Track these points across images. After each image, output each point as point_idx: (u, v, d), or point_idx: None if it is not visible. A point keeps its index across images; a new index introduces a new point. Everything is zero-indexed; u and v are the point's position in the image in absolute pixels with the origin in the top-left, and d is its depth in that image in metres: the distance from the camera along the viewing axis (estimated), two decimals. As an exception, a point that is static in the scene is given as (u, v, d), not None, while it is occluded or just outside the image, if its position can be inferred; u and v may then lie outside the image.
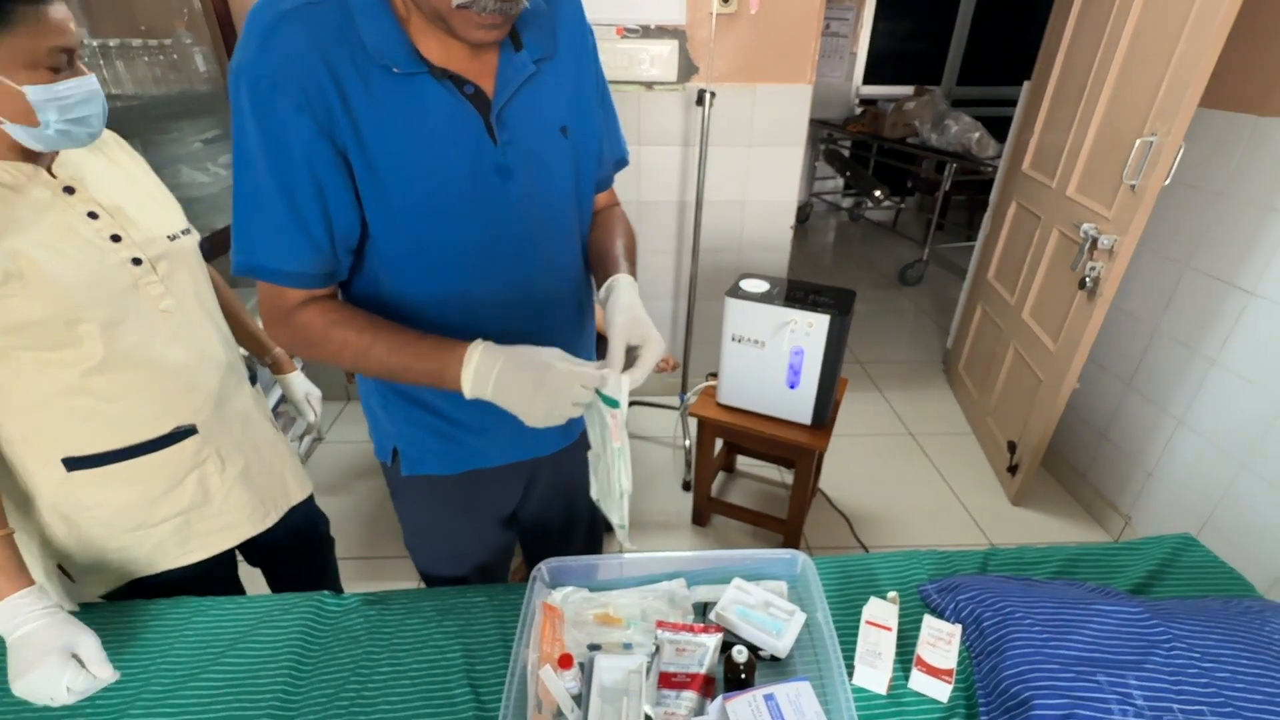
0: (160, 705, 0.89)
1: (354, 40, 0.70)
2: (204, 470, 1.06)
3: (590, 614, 0.97)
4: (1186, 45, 1.55)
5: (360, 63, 0.70)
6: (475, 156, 0.78)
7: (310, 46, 0.68)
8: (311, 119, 0.70)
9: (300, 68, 0.68)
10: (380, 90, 0.72)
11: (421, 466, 1.00)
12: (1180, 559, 1.13)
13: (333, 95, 0.70)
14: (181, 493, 1.04)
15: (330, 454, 2.54)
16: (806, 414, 1.80)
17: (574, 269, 0.97)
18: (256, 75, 0.68)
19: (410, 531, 1.14)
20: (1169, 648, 0.86)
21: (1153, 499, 2.02)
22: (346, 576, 1.97)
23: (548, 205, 0.87)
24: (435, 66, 0.74)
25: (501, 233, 0.83)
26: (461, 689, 0.92)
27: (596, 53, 0.91)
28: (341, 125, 0.71)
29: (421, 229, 0.79)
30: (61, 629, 0.81)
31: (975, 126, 3.88)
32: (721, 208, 2.48)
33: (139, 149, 1.06)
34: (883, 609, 0.95)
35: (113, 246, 0.91)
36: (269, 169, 0.72)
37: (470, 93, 0.76)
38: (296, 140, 0.70)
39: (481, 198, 0.80)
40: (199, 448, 1.05)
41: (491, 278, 0.86)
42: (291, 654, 0.96)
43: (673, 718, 0.84)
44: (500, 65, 0.79)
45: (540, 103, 0.82)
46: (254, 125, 0.70)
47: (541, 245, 0.89)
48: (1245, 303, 1.70)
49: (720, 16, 2.12)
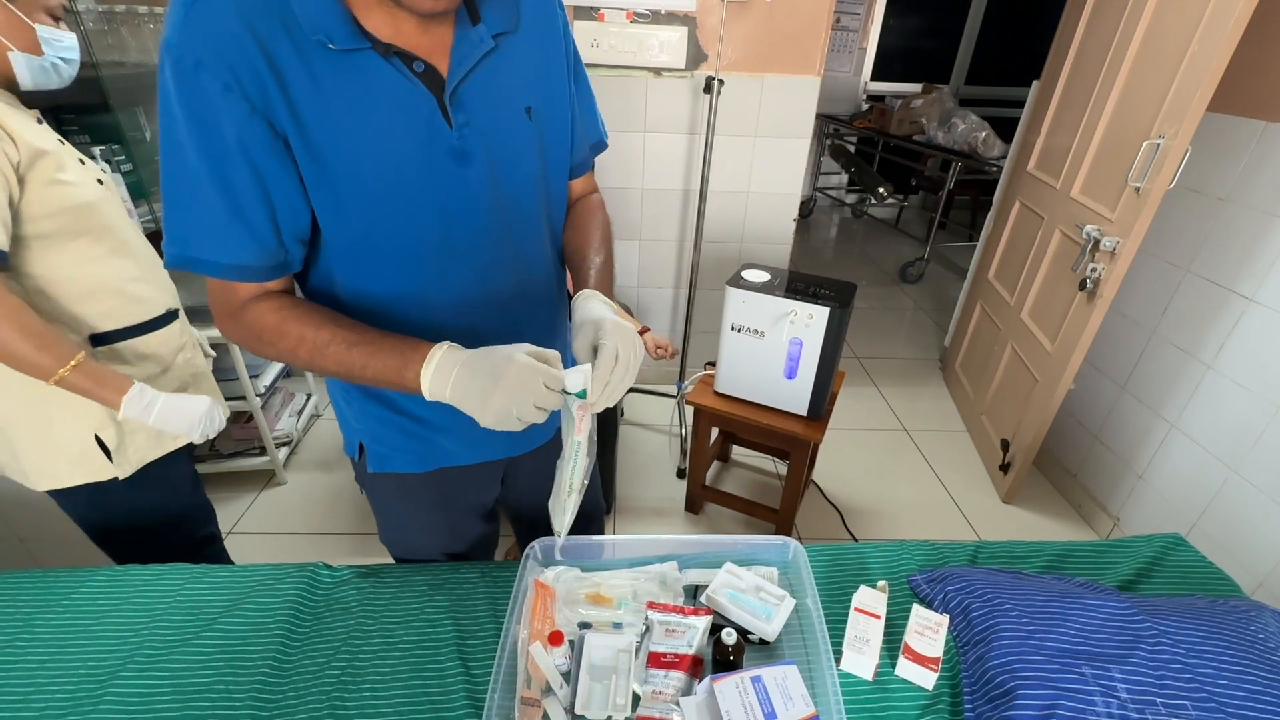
0: (151, 669, 0.90)
1: (288, 12, 0.63)
2: (186, 353, 1.29)
3: (582, 593, 0.98)
4: (1198, 48, 1.54)
5: (297, 37, 0.64)
6: (428, 140, 0.72)
7: (238, 20, 0.62)
8: (243, 99, 0.63)
9: (227, 44, 0.62)
10: (320, 68, 0.65)
11: (389, 464, 0.96)
12: (1168, 558, 1.14)
13: (266, 74, 0.63)
14: (171, 376, 1.25)
15: (328, 430, 2.55)
16: (803, 405, 1.80)
17: (543, 261, 0.90)
18: (180, 54, 0.62)
19: (384, 526, 1.10)
20: (1154, 643, 0.87)
21: (1142, 501, 2.03)
22: (339, 552, 1.98)
23: (511, 193, 0.80)
24: (380, 42, 0.67)
25: (460, 223, 0.77)
26: (452, 662, 0.93)
27: (569, 28, 0.85)
28: (278, 107, 0.65)
29: (372, 219, 0.73)
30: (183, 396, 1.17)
31: (982, 126, 3.87)
32: (725, 198, 2.47)
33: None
34: (872, 597, 0.96)
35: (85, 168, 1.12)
36: (199, 155, 0.65)
37: (421, 70, 0.70)
38: (227, 123, 0.64)
39: (437, 185, 0.74)
40: (182, 329, 1.29)
41: (451, 271, 0.80)
42: (284, 623, 0.97)
43: (660, 697, 0.85)
44: (455, 40, 0.72)
45: (501, 81, 0.76)
46: (180, 108, 0.64)
47: (505, 236, 0.82)
48: (1244, 309, 1.70)
49: (731, 4, 2.10)
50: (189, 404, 1.16)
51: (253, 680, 0.89)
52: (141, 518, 1.24)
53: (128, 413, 1.07)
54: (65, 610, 0.99)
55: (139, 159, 1.71)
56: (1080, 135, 2.07)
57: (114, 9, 1.71)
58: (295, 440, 2.40)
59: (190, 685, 0.88)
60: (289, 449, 2.36)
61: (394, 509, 1.06)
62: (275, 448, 2.22)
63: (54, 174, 1.01)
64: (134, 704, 0.86)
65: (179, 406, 1.14)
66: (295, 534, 2.06)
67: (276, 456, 2.22)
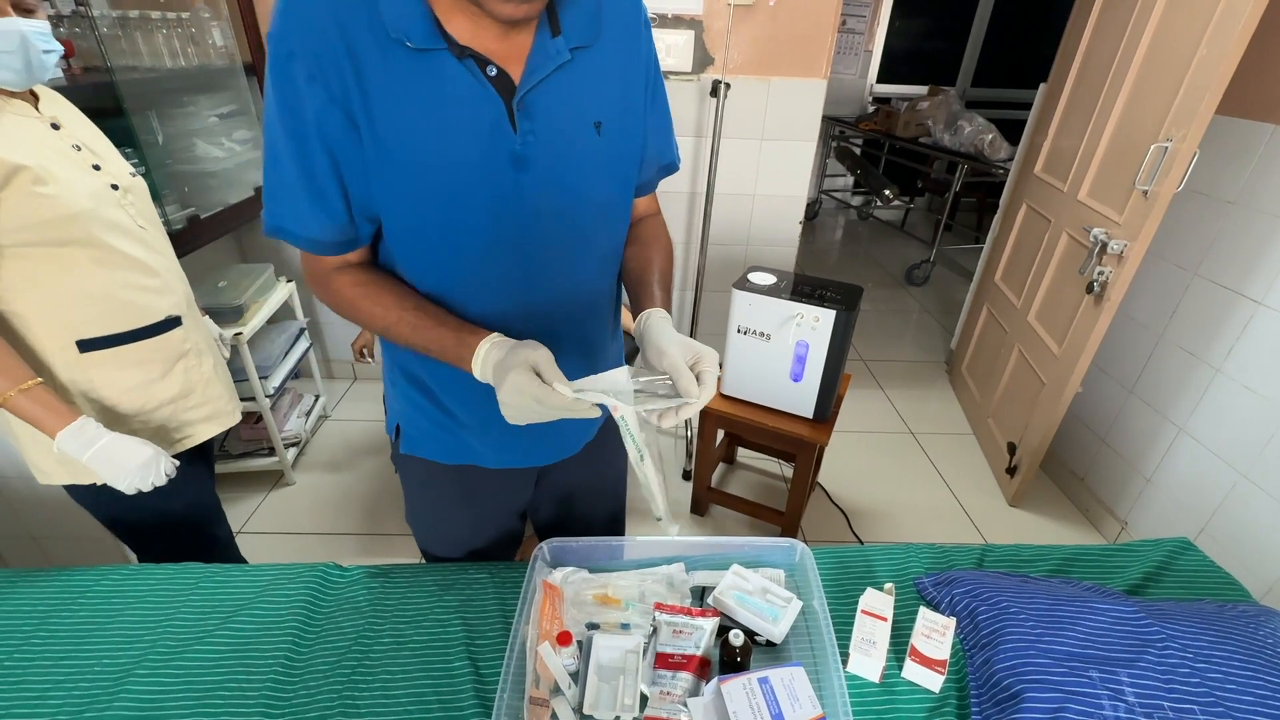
0: (164, 668, 0.91)
1: (374, 9, 0.68)
2: (188, 361, 1.24)
3: (589, 594, 0.99)
4: (1206, 50, 1.54)
5: (379, 34, 0.68)
6: (490, 142, 0.74)
7: (329, 14, 0.67)
8: (324, 88, 0.69)
9: (315, 36, 0.67)
10: (396, 64, 0.69)
11: (419, 449, 1.00)
12: (1176, 562, 1.14)
13: (346, 65, 0.68)
14: (172, 380, 1.21)
15: (336, 431, 2.56)
16: (809, 408, 1.80)
17: (591, 274, 0.90)
18: (277, 44, 0.68)
19: (409, 507, 1.13)
20: (1162, 647, 0.87)
21: (1150, 505, 2.02)
22: (347, 552, 1.99)
23: (568, 203, 0.81)
24: (456, 44, 0.70)
25: (509, 225, 0.79)
26: (461, 662, 0.93)
27: (652, 46, 0.85)
28: (354, 97, 0.70)
29: (425, 211, 0.77)
30: (131, 438, 1.07)
31: (988, 128, 3.86)
32: (731, 200, 2.48)
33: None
34: (878, 599, 0.96)
35: (96, 173, 1.08)
36: (285, 136, 0.72)
37: (493, 75, 0.72)
38: (309, 109, 0.70)
39: (491, 186, 0.76)
40: (184, 337, 1.23)
41: (495, 270, 0.81)
42: (295, 622, 0.98)
43: (668, 698, 0.85)
44: (532, 49, 0.74)
45: (572, 93, 0.77)
46: (273, 93, 0.70)
47: (555, 244, 0.83)
48: (1253, 312, 1.70)
49: (737, 8, 2.11)
50: (130, 451, 1.05)
51: (265, 679, 0.90)
52: (153, 513, 1.24)
53: (62, 446, 1.01)
54: (80, 608, 1.00)
55: (152, 162, 1.73)
56: (1088, 138, 2.07)
57: (127, 14, 1.73)
58: (304, 441, 2.42)
59: (203, 683, 0.89)
60: (297, 450, 2.38)
61: (419, 493, 1.09)
62: (284, 448, 2.24)
63: (31, 188, 0.97)
64: (148, 701, 0.87)
65: (119, 451, 1.04)
66: (303, 534, 2.08)
67: (285, 457, 2.23)
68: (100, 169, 1.10)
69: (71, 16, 1.58)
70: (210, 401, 1.30)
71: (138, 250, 1.14)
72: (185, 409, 1.25)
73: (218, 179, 2.07)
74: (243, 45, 2.15)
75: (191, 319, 1.26)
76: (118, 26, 1.69)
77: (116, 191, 1.11)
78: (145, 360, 1.16)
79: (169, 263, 1.23)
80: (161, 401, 1.20)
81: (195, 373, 1.26)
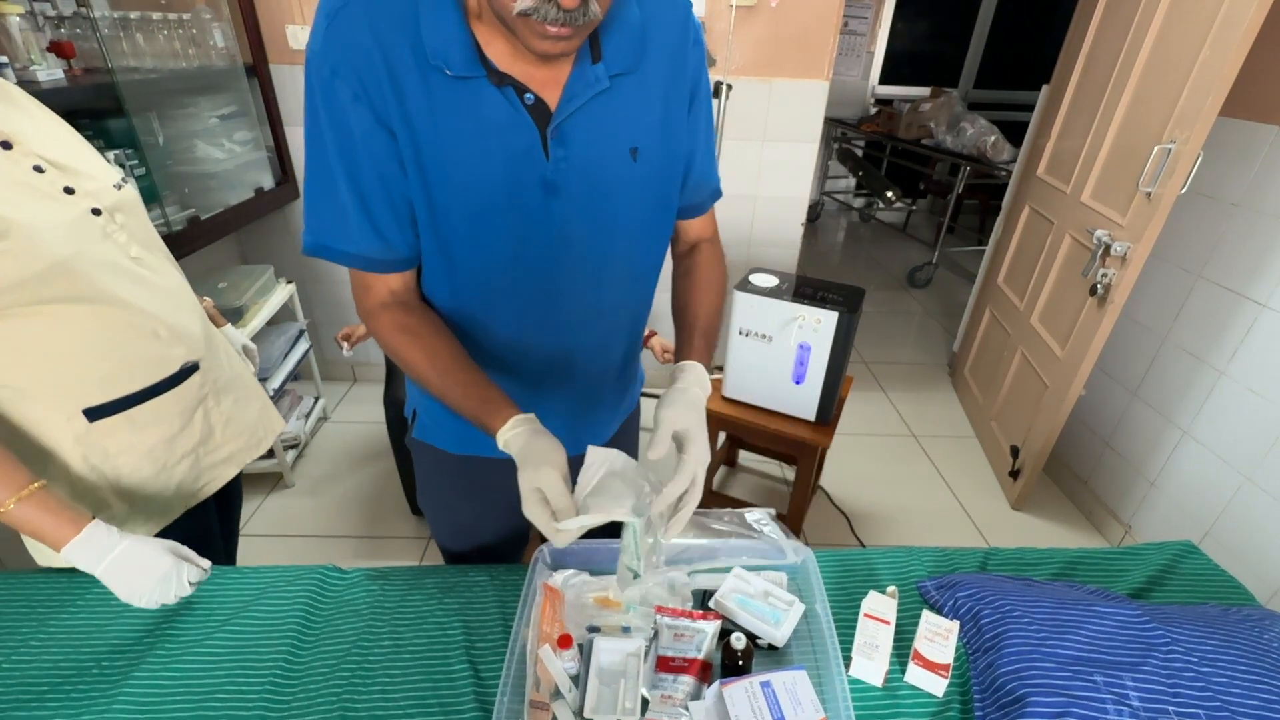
0: (164, 670, 0.90)
1: (417, 34, 0.67)
2: (206, 405, 1.11)
3: (590, 596, 0.98)
4: (1210, 52, 1.54)
5: (420, 58, 0.68)
6: (522, 168, 0.74)
7: (370, 36, 0.67)
8: (369, 108, 0.69)
9: (359, 56, 0.67)
10: (436, 88, 0.69)
11: (429, 435, 1.02)
12: (1181, 566, 1.13)
13: (387, 87, 0.68)
14: (193, 430, 1.08)
15: (335, 433, 2.56)
16: (811, 410, 1.80)
17: (618, 302, 0.90)
18: (320, 61, 0.68)
19: (420, 493, 1.16)
20: (1167, 651, 0.86)
21: (1154, 508, 2.02)
22: (346, 554, 1.99)
23: (598, 229, 0.81)
24: (496, 70, 0.70)
25: (535, 250, 0.79)
26: (461, 665, 0.93)
27: (703, 66, 0.84)
28: (395, 118, 0.70)
29: (453, 230, 0.77)
30: (148, 543, 0.90)
31: (991, 130, 3.86)
32: (733, 202, 2.48)
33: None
34: (881, 603, 0.95)
35: (69, 199, 0.87)
36: (335, 152, 0.72)
37: (530, 102, 0.72)
38: (356, 127, 0.70)
39: (520, 211, 0.76)
40: (202, 382, 1.09)
41: (517, 294, 0.82)
42: (295, 624, 0.97)
43: (669, 701, 0.85)
44: (571, 77, 0.73)
45: (610, 120, 0.77)
46: (323, 108, 0.70)
47: (582, 270, 0.83)
48: (1257, 315, 1.69)
49: (739, 9, 2.11)
50: (147, 564, 0.89)
51: (264, 682, 0.89)
52: None
53: (71, 559, 0.86)
54: (79, 610, 0.99)
55: (152, 163, 1.73)
56: (1091, 140, 2.07)
57: (128, 15, 1.73)
58: (303, 443, 2.42)
59: (202, 686, 0.89)
60: (297, 452, 2.37)
61: (429, 479, 1.12)
62: (283, 450, 2.24)
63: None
64: (147, 704, 0.86)
65: (135, 564, 0.88)
66: (303, 537, 2.07)
67: (284, 459, 2.23)
68: (74, 191, 0.88)
69: (72, 17, 1.58)
70: (230, 441, 1.17)
71: (137, 294, 0.95)
72: (205, 454, 1.13)
73: (218, 180, 2.07)
74: (243, 46, 2.15)
75: (209, 354, 1.11)
76: (118, 27, 1.69)
77: (100, 218, 0.90)
78: (163, 417, 1.03)
79: (175, 291, 1.04)
80: (183, 453, 1.08)
81: (215, 414, 1.13)
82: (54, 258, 0.83)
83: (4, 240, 0.78)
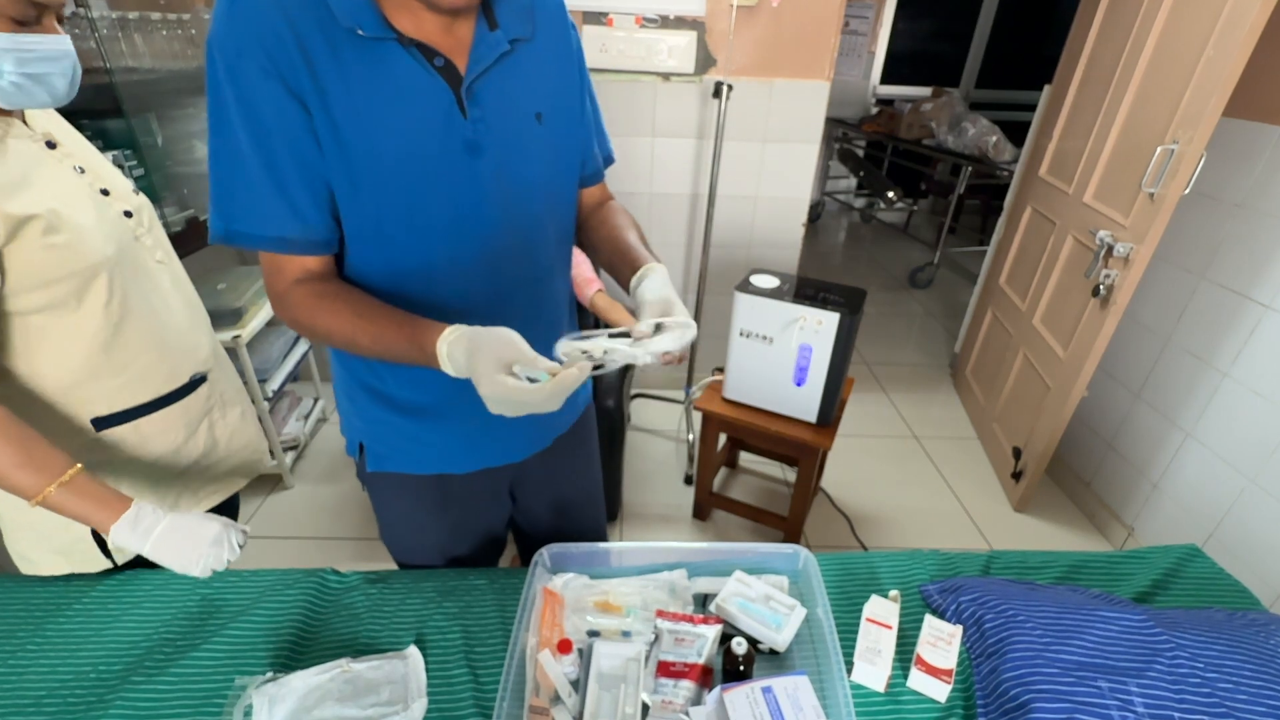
0: (161, 674, 0.90)
1: (321, 6, 0.69)
2: (212, 417, 1.11)
3: (590, 601, 0.97)
4: (1213, 52, 1.53)
5: (328, 28, 0.69)
6: (444, 130, 0.76)
7: (275, 11, 0.68)
8: (280, 82, 0.69)
9: (266, 32, 0.67)
10: (347, 57, 0.70)
11: (387, 463, 0.98)
12: (1185, 570, 1.13)
13: (298, 59, 0.69)
14: (198, 440, 1.08)
15: (335, 434, 2.55)
16: (812, 412, 1.79)
17: (547, 259, 0.92)
18: (224, 43, 0.68)
19: (383, 525, 1.10)
20: (1172, 656, 0.86)
21: (1157, 511, 2.01)
22: (345, 557, 1.98)
23: (518, 190, 0.84)
24: (404, 35, 0.72)
25: (469, 211, 0.80)
26: (460, 670, 0.92)
27: (581, 48, 0.90)
28: (308, 90, 0.70)
29: (384, 201, 0.77)
30: (191, 513, 0.90)
31: (993, 130, 3.85)
32: (734, 202, 2.47)
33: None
34: (884, 607, 0.94)
35: (106, 200, 0.91)
36: (246, 133, 0.71)
37: (440, 65, 0.74)
38: (267, 104, 0.70)
39: (449, 173, 0.78)
40: (209, 394, 1.09)
41: (457, 256, 0.82)
42: (293, 628, 0.97)
43: (670, 706, 0.84)
44: (474, 41, 0.77)
45: (513, 84, 0.80)
46: (229, 91, 0.69)
47: (511, 229, 0.85)
48: (1260, 316, 1.68)
49: (740, 9, 2.10)
50: (196, 533, 0.88)
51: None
52: None
53: (118, 541, 0.85)
54: (75, 615, 0.99)
55: (151, 164, 1.72)
56: (1093, 140, 2.06)
57: (127, 15, 1.73)
58: (302, 444, 2.41)
59: (199, 690, 0.88)
60: (296, 453, 2.37)
61: (391, 508, 1.07)
62: (283, 451, 2.23)
63: (41, 238, 0.81)
64: (144, 708, 0.86)
65: (184, 534, 0.88)
66: (302, 539, 2.07)
67: (284, 461, 2.22)
68: (109, 193, 0.92)
69: (71, 18, 1.58)
70: (235, 454, 1.17)
71: (161, 297, 0.97)
72: (207, 465, 1.12)
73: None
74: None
75: (217, 366, 1.12)
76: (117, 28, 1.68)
77: (130, 220, 0.94)
78: (170, 427, 1.03)
79: (192, 297, 1.07)
80: (188, 464, 1.08)
81: (220, 426, 1.13)
82: (99, 255, 0.86)
83: (58, 234, 0.82)
